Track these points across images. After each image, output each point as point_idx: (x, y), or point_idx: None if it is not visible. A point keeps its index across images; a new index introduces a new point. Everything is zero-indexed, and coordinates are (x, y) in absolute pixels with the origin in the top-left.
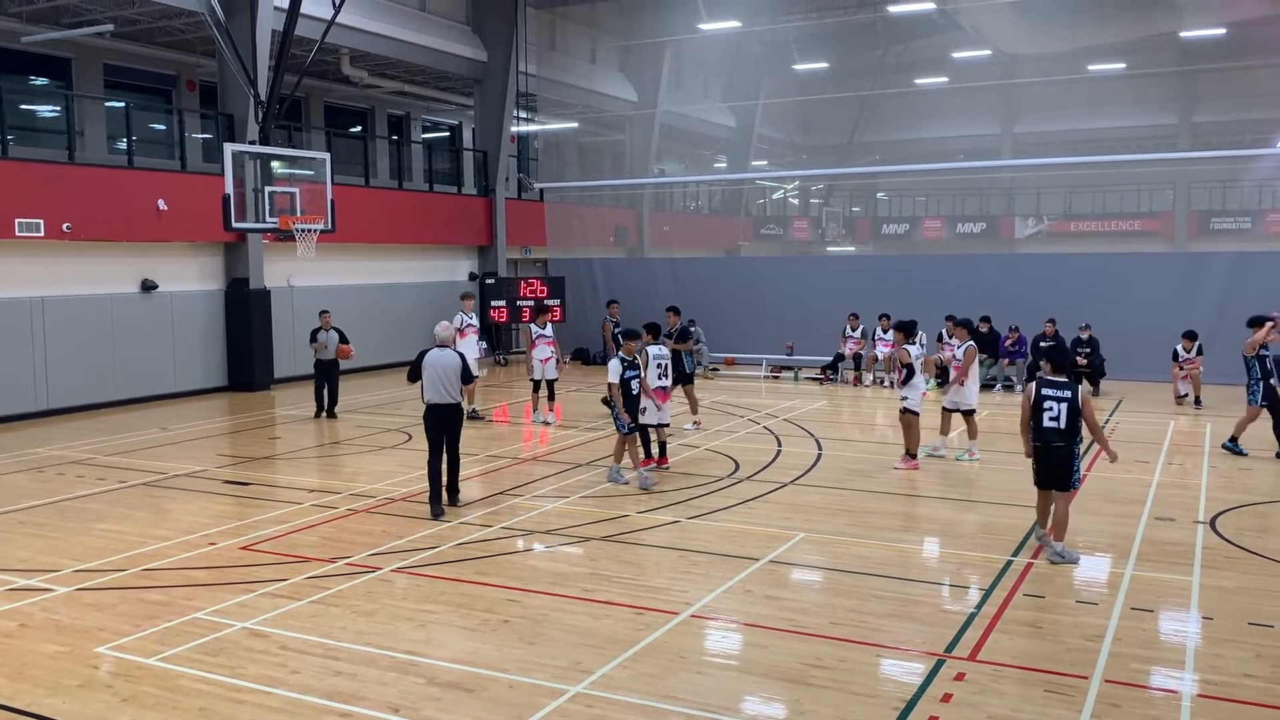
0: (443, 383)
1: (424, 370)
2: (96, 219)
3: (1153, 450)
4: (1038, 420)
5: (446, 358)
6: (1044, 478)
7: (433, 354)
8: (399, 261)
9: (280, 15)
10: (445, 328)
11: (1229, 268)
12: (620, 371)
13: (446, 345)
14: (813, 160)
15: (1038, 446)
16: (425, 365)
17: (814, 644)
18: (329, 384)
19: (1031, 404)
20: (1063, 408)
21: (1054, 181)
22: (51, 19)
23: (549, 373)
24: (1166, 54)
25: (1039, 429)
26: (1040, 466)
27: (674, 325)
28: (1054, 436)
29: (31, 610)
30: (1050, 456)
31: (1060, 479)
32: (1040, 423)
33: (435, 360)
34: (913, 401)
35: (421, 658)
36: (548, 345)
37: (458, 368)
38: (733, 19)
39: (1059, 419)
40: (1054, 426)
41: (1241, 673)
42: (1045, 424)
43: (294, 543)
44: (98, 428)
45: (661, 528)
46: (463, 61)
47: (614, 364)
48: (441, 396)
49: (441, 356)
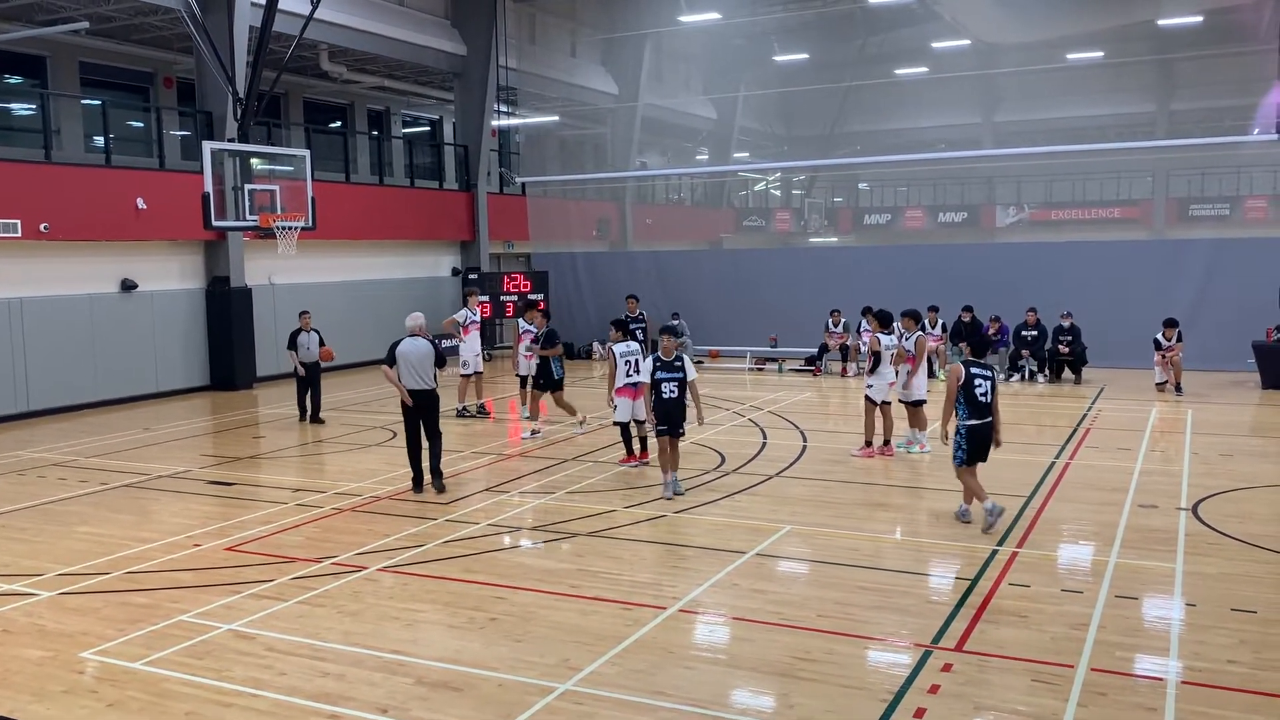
0: (417, 370)
1: (399, 359)
2: (75, 219)
3: (1134, 438)
4: (973, 400)
5: (419, 346)
6: (983, 453)
7: (405, 343)
8: (381, 258)
9: (257, 11)
10: (415, 317)
11: (1208, 255)
12: (652, 371)
13: (417, 334)
14: (794, 151)
15: (974, 425)
16: (400, 354)
17: (802, 637)
18: (312, 388)
19: (962, 385)
20: (989, 386)
21: (1034, 170)
22: (25, 16)
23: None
24: (1144, 42)
25: (978, 407)
26: (980, 443)
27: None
28: (988, 413)
29: (14, 615)
30: (986, 431)
31: (987, 452)
32: (976, 401)
33: (409, 349)
34: (875, 391)
35: (409, 657)
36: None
37: (430, 355)
38: (713, 11)
39: (988, 396)
40: (986, 403)
41: (1225, 659)
42: (980, 401)
43: (279, 543)
44: (79, 429)
45: (648, 522)
46: (442, 56)
47: (646, 364)
48: (417, 383)
49: (415, 345)
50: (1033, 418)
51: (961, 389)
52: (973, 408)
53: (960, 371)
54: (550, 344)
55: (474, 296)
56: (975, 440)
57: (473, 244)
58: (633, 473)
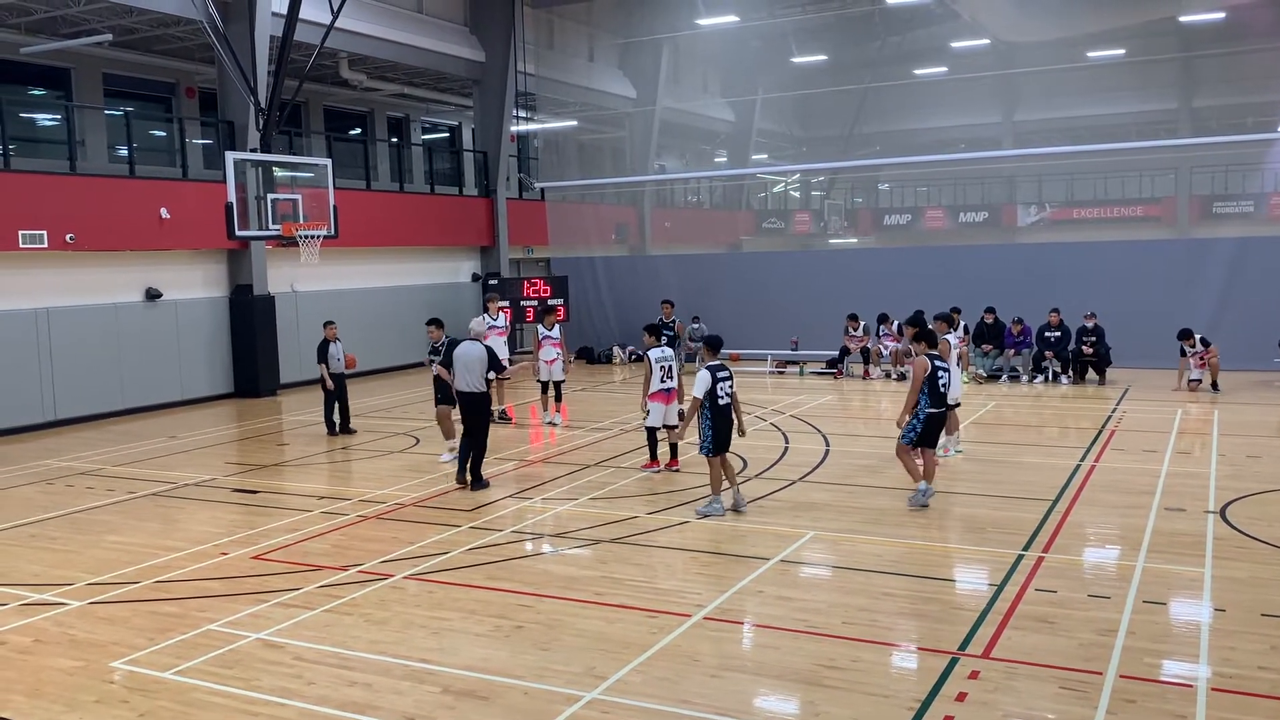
0: (466, 372)
1: (455, 360)
2: (99, 229)
3: (1160, 439)
4: (935, 391)
5: (472, 350)
6: (932, 439)
7: (462, 345)
8: (402, 264)
9: (278, 21)
10: (479, 322)
11: (1233, 252)
12: (709, 383)
13: (476, 339)
14: (813, 153)
15: (934, 413)
16: (455, 356)
17: (827, 644)
18: (340, 399)
19: (928, 377)
20: (949, 378)
21: (1055, 169)
22: (50, 29)
23: (555, 374)
24: (1166, 39)
25: (939, 397)
26: (935, 429)
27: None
28: (945, 403)
29: (45, 625)
30: (942, 418)
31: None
32: (938, 392)
33: (462, 352)
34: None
35: (436, 665)
36: (554, 346)
37: (482, 359)
38: (730, 14)
39: (948, 387)
40: (946, 394)
41: (1256, 665)
42: (940, 392)
43: (305, 551)
44: (106, 438)
45: (672, 528)
46: (461, 62)
47: (702, 375)
48: (465, 385)
49: (468, 349)
50: (1057, 419)
51: (926, 381)
52: (934, 398)
53: (927, 365)
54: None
55: (494, 302)
56: (931, 425)
57: (492, 249)
58: (656, 478)
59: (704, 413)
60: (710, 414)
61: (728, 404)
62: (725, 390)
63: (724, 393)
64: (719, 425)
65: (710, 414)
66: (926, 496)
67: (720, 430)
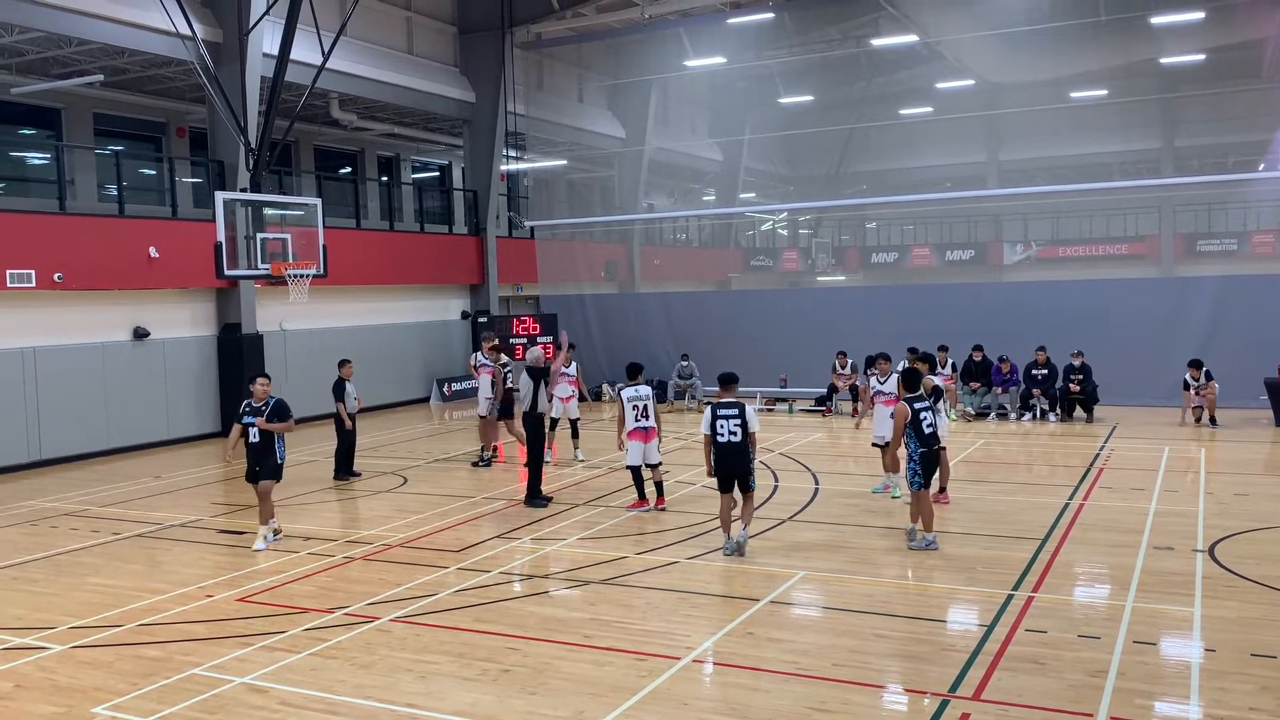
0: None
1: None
2: (88, 268)
3: (1148, 477)
4: (920, 433)
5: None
6: (930, 478)
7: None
8: (392, 302)
9: (269, 62)
10: (533, 352)
11: (1217, 290)
12: (708, 420)
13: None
14: (800, 192)
15: (925, 452)
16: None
17: (818, 687)
18: (349, 441)
19: (910, 422)
20: (932, 417)
21: (1041, 208)
22: (41, 70)
23: (571, 411)
24: (1148, 80)
25: (925, 438)
26: (931, 466)
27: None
28: (935, 442)
29: (27, 670)
30: (935, 456)
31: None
32: (923, 433)
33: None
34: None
35: (423, 710)
36: (570, 384)
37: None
38: (718, 55)
39: (933, 427)
40: (933, 433)
41: (1247, 706)
42: (926, 433)
43: (291, 593)
44: (91, 478)
45: (660, 569)
46: (451, 103)
47: (706, 413)
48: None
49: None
50: (1045, 458)
51: (910, 425)
52: (920, 439)
53: (907, 411)
54: (282, 418)
55: (487, 341)
56: (927, 465)
57: (482, 287)
58: (644, 517)
59: None
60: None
61: (726, 441)
62: (728, 428)
63: (725, 430)
64: (718, 460)
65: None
66: (929, 546)
67: (719, 466)
